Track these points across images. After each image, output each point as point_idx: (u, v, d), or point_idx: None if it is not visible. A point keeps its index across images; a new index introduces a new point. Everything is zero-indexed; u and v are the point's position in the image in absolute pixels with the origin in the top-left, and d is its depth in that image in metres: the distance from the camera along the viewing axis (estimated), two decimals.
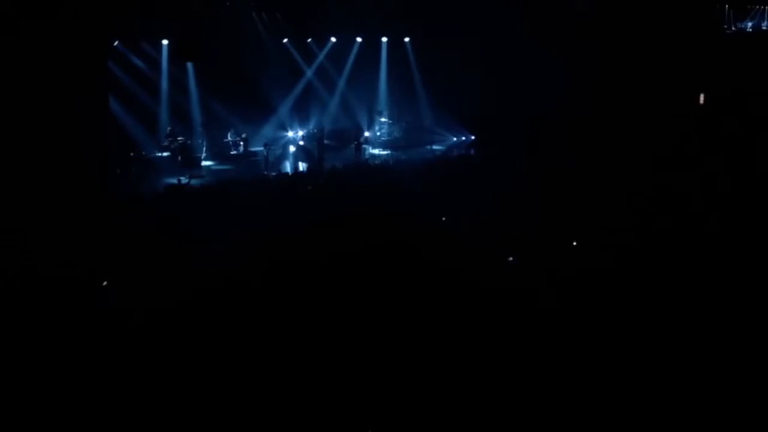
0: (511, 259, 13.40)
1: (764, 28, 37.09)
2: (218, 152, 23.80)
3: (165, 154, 22.44)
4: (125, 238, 13.61)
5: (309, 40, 26.10)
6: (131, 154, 21.30)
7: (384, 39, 27.17)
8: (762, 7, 36.88)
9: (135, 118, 21.80)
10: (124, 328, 10.04)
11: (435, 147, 25.75)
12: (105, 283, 11.86)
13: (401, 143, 26.16)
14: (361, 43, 26.63)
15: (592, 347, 9.73)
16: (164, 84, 22.80)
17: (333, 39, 26.24)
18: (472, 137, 26.61)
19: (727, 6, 34.50)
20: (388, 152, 25.21)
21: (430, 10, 25.05)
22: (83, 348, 9.54)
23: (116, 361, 9.23)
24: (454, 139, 26.93)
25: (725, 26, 34.81)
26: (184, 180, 19.55)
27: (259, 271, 12.19)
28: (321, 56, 26.31)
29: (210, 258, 12.57)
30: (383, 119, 26.99)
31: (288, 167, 22.91)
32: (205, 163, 22.83)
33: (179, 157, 22.12)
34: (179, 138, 22.62)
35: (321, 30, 25.85)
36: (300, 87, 25.88)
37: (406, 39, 27.34)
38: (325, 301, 11.06)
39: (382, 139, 26.58)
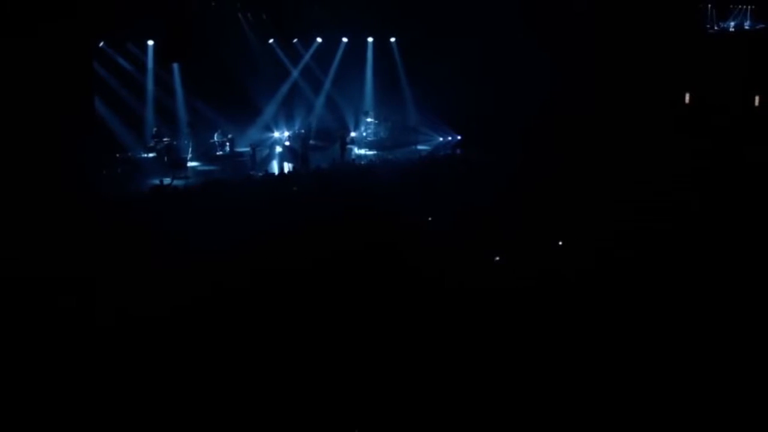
0: (497, 259, 13.47)
1: (746, 27, 37.35)
2: (204, 153, 23.74)
3: (151, 154, 22.40)
4: (110, 240, 13.56)
5: (295, 40, 26.11)
6: (117, 155, 21.32)
7: (370, 39, 27.23)
8: (744, 6, 37.15)
9: (121, 119, 21.77)
10: (106, 333, 9.94)
11: (421, 147, 25.77)
12: None
13: (387, 143, 26.19)
14: (347, 43, 26.68)
15: (578, 346, 9.77)
16: (150, 85, 22.81)
17: (319, 39, 26.28)
18: (459, 137, 26.69)
19: (710, 6, 34.74)
20: (374, 152, 25.23)
21: (416, 10, 25.12)
22: (62, 355, 9.43)
23: (96, 368, 9.12)
24: (440, 139, 26.99)
25: (708, 26, 35.08)
26: (168, 181, 19.50)
27: (245, 275, 12.10)
28: (307, 56, 26.35)
29: (195, 261, 12.55)
30: (369, 119, 27.03)
31: (274, 168, 22.90)
32: (191, 163, 22.75)
33: (165, 158, 22.05)
34: (165, 139, 22.57)
35: (307, 30, 25.87)
36: (286, 87, 25.90)
37: (392, 39, 27.40)
38: (312, 305, 11.03)
39: (368, 139, 26.61)
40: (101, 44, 21.29)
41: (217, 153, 23.88)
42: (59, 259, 12.31)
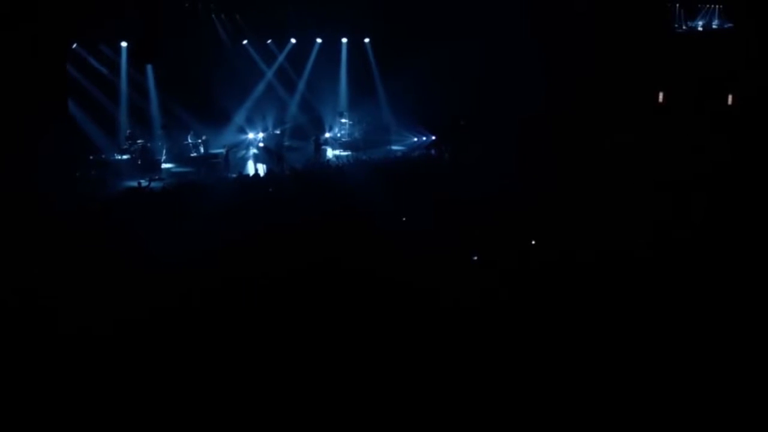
0: (475, 258, 13.60)
1: (714, 27, 37.63)
2: (178, 155, 23.69)
3: (125, 156, 22.30)
4: (84, 244, 13.50)
5: (269, 41, 26.12)
6: (91, 157, 21.19)
7: (344, 40, 27.31)
8: (711, 6, 37.42)
9: (94, 121, 21.62)
10: (76, 340, 9.75)
11: (395, 147, 25.89)
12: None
13: (361, 144, 26.24)
14: (321, 44, 26.73)
15: (557, 345, 9.82)
16: (123, 86, 22.70)
17: (293, 40, 26.31)
18: (433, 137, 26.84)
19: (677, 5, 35.04)
20: (349, 153, 25.30)
21: (391, 11, 25.25)
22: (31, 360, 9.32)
23: (66, 376, 8.97)
24: (415, 139, 27.13)
25: (676, 25, 35.38)
26: (143, 183, 19.45)
27: (219, 280, 11.96)
28: (281, 57, 26.38)
29: (168, 266, 12.46)
30: (344, 120, 27.09)
31: (248, 169, 22.90)
32: (165, 165, 22.71)
33: (139, 160, 21.99)
34: (139, 141, 22.49)
35: (281, 31, 25.89)
36: (260, 88, 25.89)
37: (366, 40, 27.49)
38: (288, 310, 10.93)
39: (343, 140, 26.67)
40: (74, 46, 21.13)
41: (192, 155, 23.82)
42: (31, 263, 12.28)
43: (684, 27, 36.24)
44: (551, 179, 18.61)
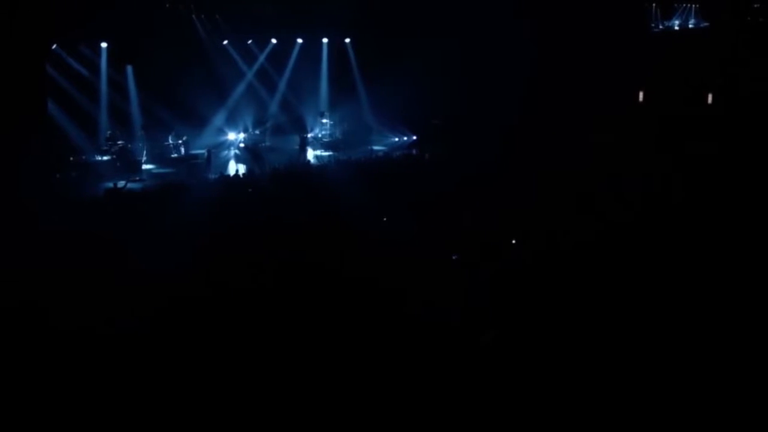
0: (455, 257, 13.73)
1: (691, 26, 37.87)
2: (159, 155, 23.64)
3: (105, 157, 22.24)
4: (64, 245, 13.44)
5: (249, 41, 26.13)
6: (71, 158, 21.12)
7: (325, 40, 27.38)
8: (688, 5, 37.65)
9: (74, 121, 21.56)
10: (56, 344, 9.65)
11: (377, 147, 25.98)
12: None
13: (343, 144, 26.30)
14: (301, 44, 26.79)
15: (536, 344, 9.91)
16: (103, 87, 22.66)
17: (273, 40, 26.34)
18: (414, 137, 26.96)
19: (654, 5, 35.27)
20: (330, 153, 25.37)
21: (372, 11, 25.35)
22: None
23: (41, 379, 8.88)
24: (396, 139, 27.23)
25: (652, 25, 35.61)
26: (122, 184, 19.41)
27: (201, 284, 11.95)
28: (261, 58, 26.40)
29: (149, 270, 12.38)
30: (325, 120, 27.16)
31: (229, 170, 22.90)
32: (145, 166, 22.65)
33: (119, 161, 21.94)
34: (119, 141, 22.42)
35: (261, 31, 25.90)
36: (241, 89, 25.89)
37: (347, 40, 27.58)
38: (269, 314, 10.89)
39: (324, 140, 26.73)
40: (54, 46, 21.04)
41: (172, 155, 23.78)
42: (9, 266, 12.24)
43: (660, 27, 36.46)
44: (532, 179, 18.77)
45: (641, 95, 29.15)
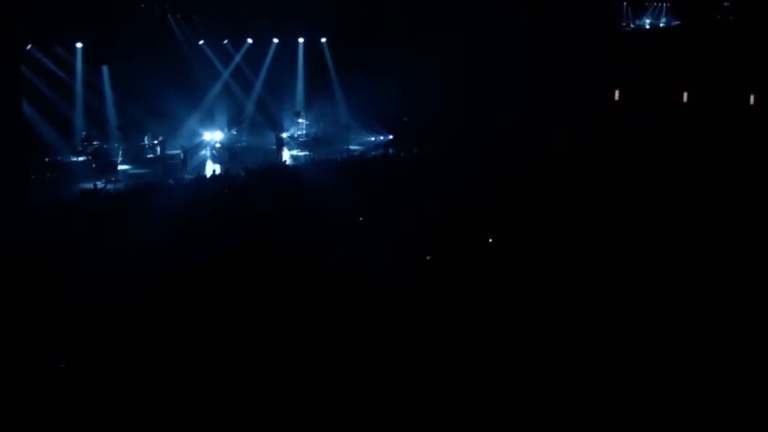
0: (428, 258, 13.91)
1: (662, 25, 38.21)
2: (135, 156, 23.56)
3: (80, 158, 22.18)
4: (38, 246, 13.44)
5: (225, 41, 26.15)
6: (46, 159, 21.04)
7: (301, 40, 27.45)
8: (659, 4, 37.96)
9: (49, 122, 21.51)
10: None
11: (353, 147, 26.06)
12: None
13: (319, 144, 26.32)
14: (277, 44, 26.85)
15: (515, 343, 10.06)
16: (79, 88, 22.65)
17: (249, 40, 26.38)
18: (390, 137, 27.08)
19: (625, 3, 35.56)
20: (306, 153, 25.40)
21: (347, 11, 25.48)
22: None
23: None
24: (372, 138, 27.33)
25: (623, 23, 35.90)
26: (99, 185, 19.38)
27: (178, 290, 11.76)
28: (237, 57, 26.43)
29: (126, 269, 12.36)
30: (301, 120, 27.21)
31: (205, 170, 22.89)
32: (121, 167, 22.55)
33: (95, 162, 21.89)
34: (95, 142, 22.40)
35: (237, 31, 25.94)
36: (217, 89, 25.92)
37: (323, 39, 27.67)
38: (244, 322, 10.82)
39: (300, 139, 26.77)
40: (29, 47, 20.96)
41: (148, 156, 23.73)
42: None
43: (632, 25, 36.74)
44: (508, 178, 18.96)
45: (617, 94, 29.45)
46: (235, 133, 25.49)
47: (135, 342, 9.96)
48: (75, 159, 22.18)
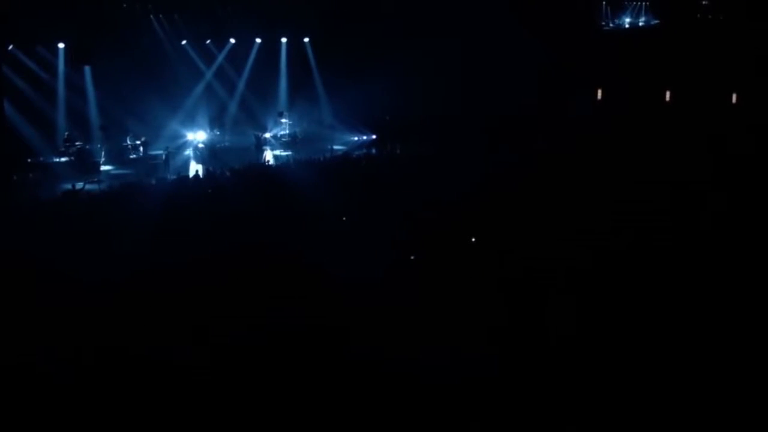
0: (412, 258, 13.99)
1: (641, 24, 38.35)
2: (117, 156, 23.49)
3: (63, 159, 22.13)
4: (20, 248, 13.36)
5: (208, 41, 26.15)
6: (28, 160, 20.98)
7: (283, 40, 27.48)
8: (639, 2, 38.08)
9: (31, 123, 21.46)
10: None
11: (336, 147, 26.11)
12: None
13: (302, 143, 26.33)
14: (260, 43, 26.87)
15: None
16: (61, 88, 22.60)
17: (232, 40, 26.39)
18: (373, 136, 27.17)
19: (604, 2, 35.69)
20: (289, 152, 25.43)
21: (330, 11, 25.54)
22: None
23: None
24: (355, 138, 27.40)
25: (603, 22, 36.03)
26: (78, 185, 19.34)
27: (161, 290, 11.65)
28: (220, 57, 26.44)
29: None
30: (284, 120, 27.22)
31: (188, 170, 22.85)
32: (103, 167, 22.46)
33: (77, 162, 21.82)
34: (77, 143, 22.34)
35: (220, 31, 25.95)
36: (199, 89, 25.91)
37: (306, 39, 27.72)
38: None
39: (283, 139, 26.78)
40: (10, 47, 20.88)
41: (131, 156, 23.66)
42: None
43: (611, 24, 36.84)
44: (488, 178, 19.05)
45: (599, 93, 29.63)
46: (218, 133, 25.47)
47: (115, 345, 9.87)
48: (57, 159, 22.13)
